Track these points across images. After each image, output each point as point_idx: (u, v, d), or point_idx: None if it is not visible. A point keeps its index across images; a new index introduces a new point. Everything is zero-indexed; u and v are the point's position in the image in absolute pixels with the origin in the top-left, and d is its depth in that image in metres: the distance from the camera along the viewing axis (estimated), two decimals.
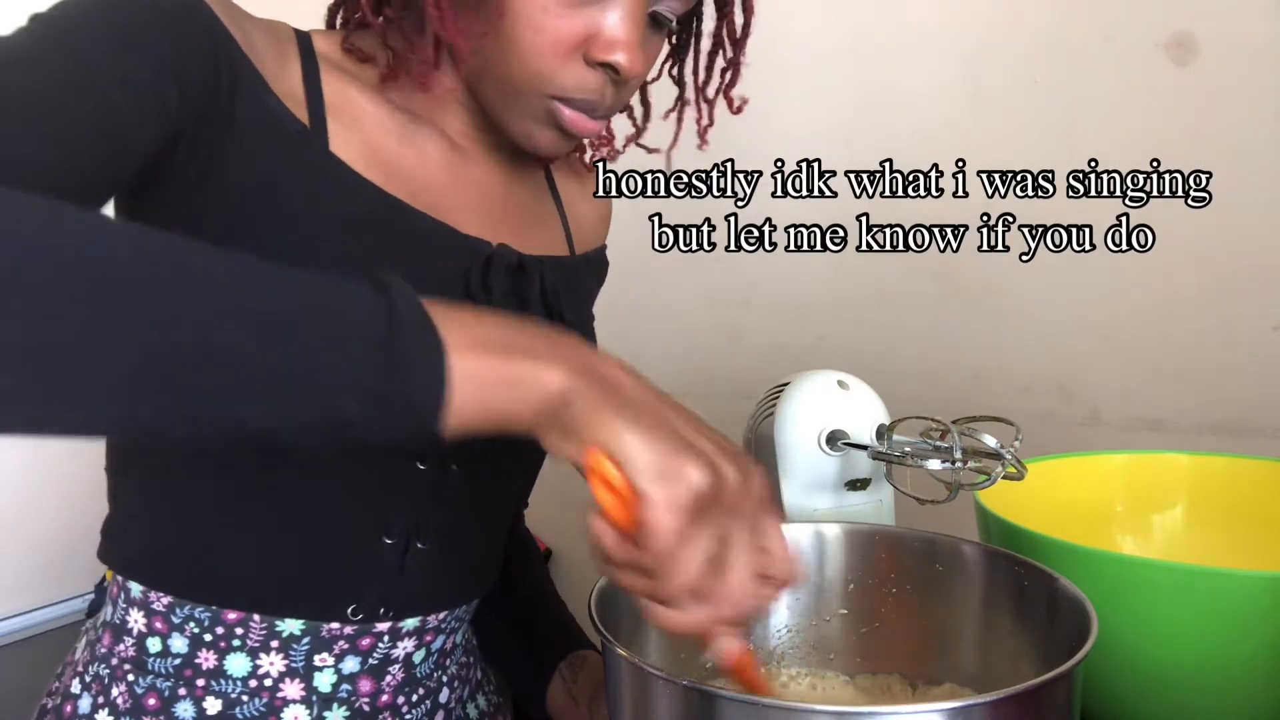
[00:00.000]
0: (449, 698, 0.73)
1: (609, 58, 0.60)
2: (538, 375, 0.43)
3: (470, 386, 0.42)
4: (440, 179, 0.67)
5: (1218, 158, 1.04)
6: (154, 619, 0.64)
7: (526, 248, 0.69)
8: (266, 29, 0.61)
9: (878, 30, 1.24)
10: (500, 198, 0.71)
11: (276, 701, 0.64)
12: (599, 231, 0.84)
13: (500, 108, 0.64)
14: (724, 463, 0.44)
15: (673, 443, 0.43)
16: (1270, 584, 0.55)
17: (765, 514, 0.47)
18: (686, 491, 0.42)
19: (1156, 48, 1.06)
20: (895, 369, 1.07)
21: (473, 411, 0.42)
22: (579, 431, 0.44)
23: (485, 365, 0.43)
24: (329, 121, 0.61)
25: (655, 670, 0.45)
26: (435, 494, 0.66)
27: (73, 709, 0.66)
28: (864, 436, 0.73)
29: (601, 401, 0.44)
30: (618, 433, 0.43)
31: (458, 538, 0.69)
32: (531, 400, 0.43)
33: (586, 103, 0.62)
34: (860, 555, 0.63)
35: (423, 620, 0.68)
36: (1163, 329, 1.09)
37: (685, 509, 0.42)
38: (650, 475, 0.42)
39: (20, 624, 1.54)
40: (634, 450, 0.43)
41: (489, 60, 0.61)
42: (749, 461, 0.46)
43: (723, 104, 0.74)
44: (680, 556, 0.43)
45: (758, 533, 0.46)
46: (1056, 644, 0.50)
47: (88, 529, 0.68)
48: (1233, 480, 0.78)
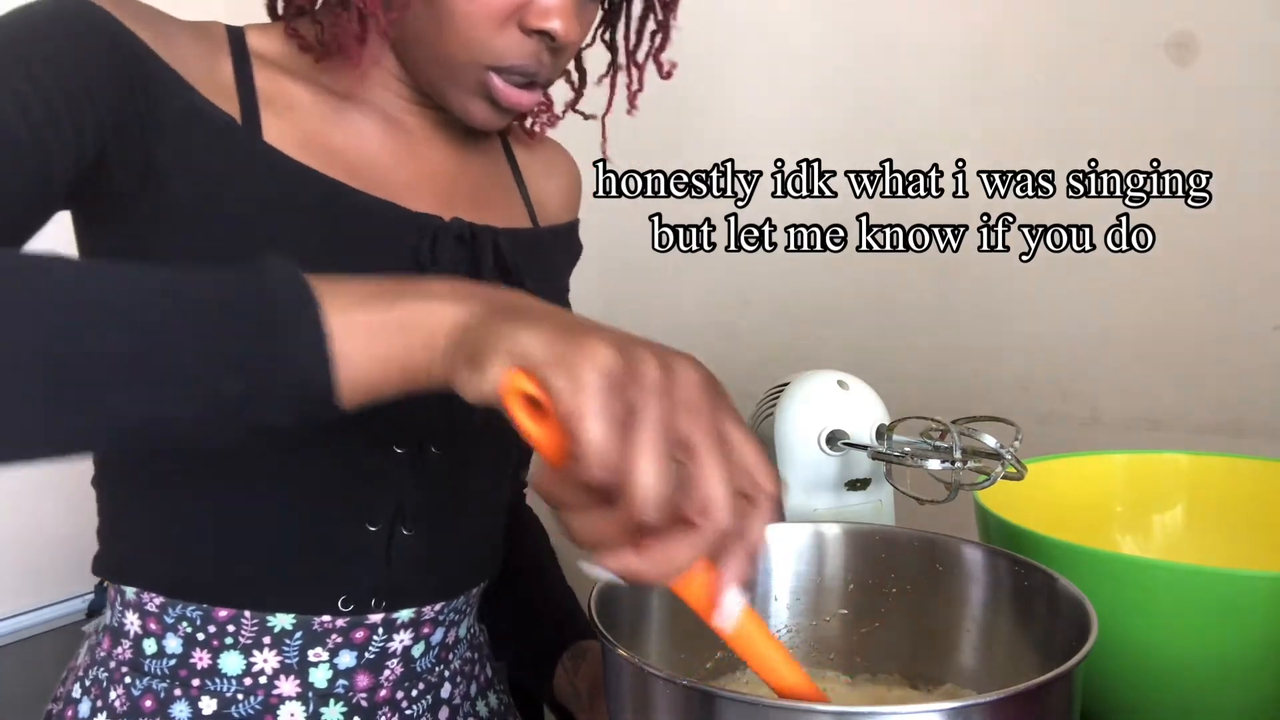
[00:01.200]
0: (452, 693, 0.72)
1: (545, 25, 0.60)
2: (429, 315, 0.41)
3: (356, 340, 0.40)
4: (382, 158, 0.66)
5: (1218, 158, 1.04)
6: (148, 620, 0.64)
7: (483, 221, 0.68)
8: (192, 30, 0.61)
9: (878, 30, 1.24)
10: (451, 173, 0.71)
11: (272, 699, 0.64)
12: (566, 205, 0.83)
13: (434, 81, 0.64)
14: (639, 349, 0.39)
15: (574, 333, 0.39)
16: (1270, 584, 0.55)
17: (725, 413, 0.40)
18: (591, 369, 0.37)
19: (1156, 48, 1.06)
20: (895, 369, 1.07)
21: (366, 367, 0.40)
22: (482, 358, 0.39)
23: (367, 315, 0.40)
24: (262, 112, 0.61)
25: (656, 670, 0.45)
26: (416, 478, 0.65)
27: (73, 714, 0.66)
28: (864, 436, 0.73)
29: (500, 321, 0.40)
30: (513, 336, 0.39)
31: (444, 523, 0.68)
32: (426, 338, 0.41)
33: (524, 71, 0.62)
34: (861, 555, 0.63)
35: (418, 612, 0.67)
36: (1163, 329, 1.09)
37: (598, 390, 0.37)
38: (552, 364, 0.38)
39: (20, 624, 1.53)
40: (530, 345, 0.38)
41: (421, 33, 0.61)
42: (686, 357, 0.41)
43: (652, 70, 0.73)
44: (625, 456, 0.37)
45: (722, 437, 0.39)
46: (1057, 644, 0.50)
47: (87, 530, 0.68)
48: (1233, 480, 0.78)
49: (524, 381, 0.38)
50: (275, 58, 0.65)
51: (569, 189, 0.84)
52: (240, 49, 0.63)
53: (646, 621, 0.58)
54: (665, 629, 0.59)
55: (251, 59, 0.63)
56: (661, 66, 0.74)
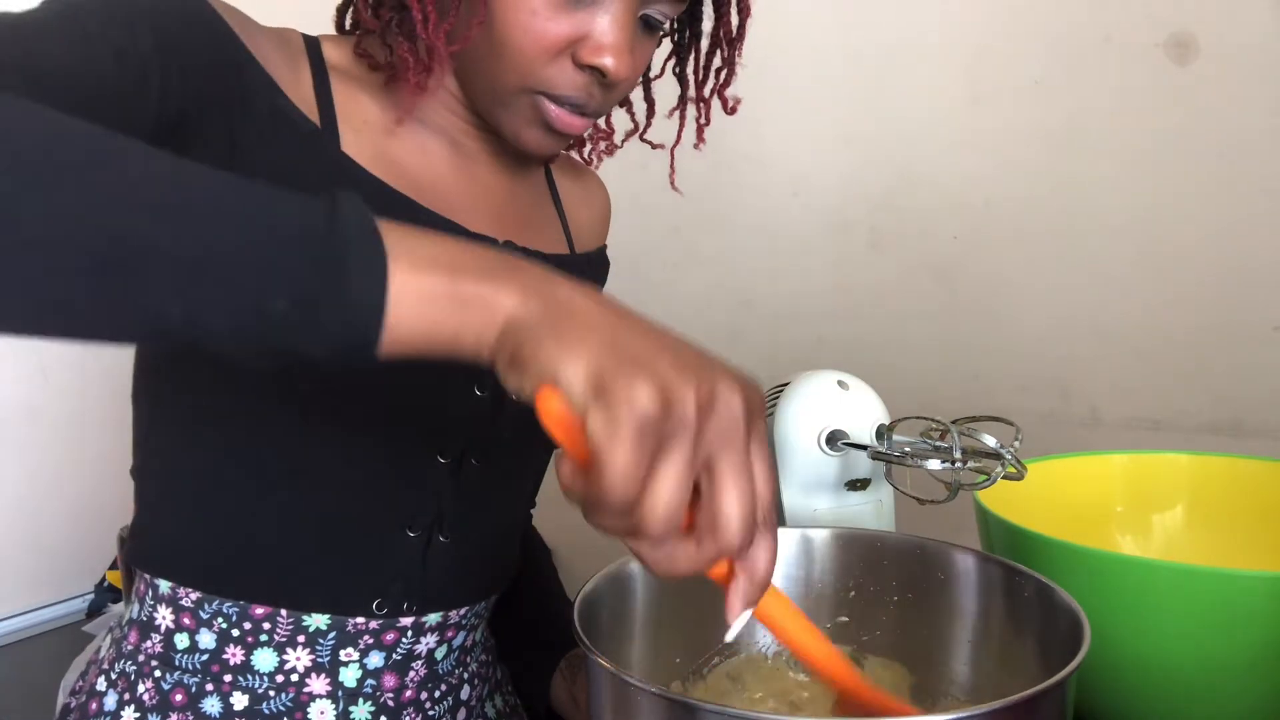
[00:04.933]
0: (470, 695, 0.73)
1: (597, 61, 0.60)
2: (488, 297, 0.40)
3: (413, 300, 0.39)
4: (446, 178, 0.68)
5: (1218, 158, 1.04)
6: (182, 615, 0.65)
7: (530, 245, 0.70)
8: (276, 37, 0.63)
9: (878, 30, 1.24)
10: (504, 197, 0.72)
11: (303, 696, 0.65)
12: (598, 232, 0.85)
13: (489, 107, 0.65)
14: (680, 382, 0.39)
15: (617, 361, 0.39)
16: (1270, 584, 0.55)
17: (757, 444, 0.41)
18: (629, 412, 0.37)
19: (1156, 48, 1.06)
20: (895, 369, 1.07)
21: (414, 329, 0.40)
22: (525, 365, 0.40)
23: (432, 280, 0.39)
24: (339, 124, 0.63)
25: (635, 680, 0.44)
26: (456, 487, 0.67)
27: (98, 706, 0.67)
28: (864, 436, 0.73)
29: (550, 330, 0.40)
30: (559, 360, 0.39)
31: (477, 532, 0.70)
32: (479, 324, 0.40)
33: (574, 101, 0.62)
34: (862, 562, 0.63)
35: (445, 616, 0.69)
36: (1163, 329, 1.09)
37: (630, 433, 0.37)
38: (587, 397, 0.38)
39: (20, 624, 1.54)
40: (572, 375, 0.39)
41: (477, 61, 0.62)
42: (726, 377, 0.41)
43: (718, 105, 0.74)
44: (643, 490, 0.38)
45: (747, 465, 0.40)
46: (1055, 652, 0.50)
47: (88, 530, 0.68)
48: (1233, 480, 0.77)
49: (559, 404, 0.39)
50: (348, 70, 0.66)
51: (603, 218, 0.86)
52: (317, 59, 0.65)
53: (630, 629, 0.58)
54: (650, 637, 0.58)
55: (328, 70, 0.64)
56: (726, 103, 0.74)
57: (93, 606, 1.52)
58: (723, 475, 0.39)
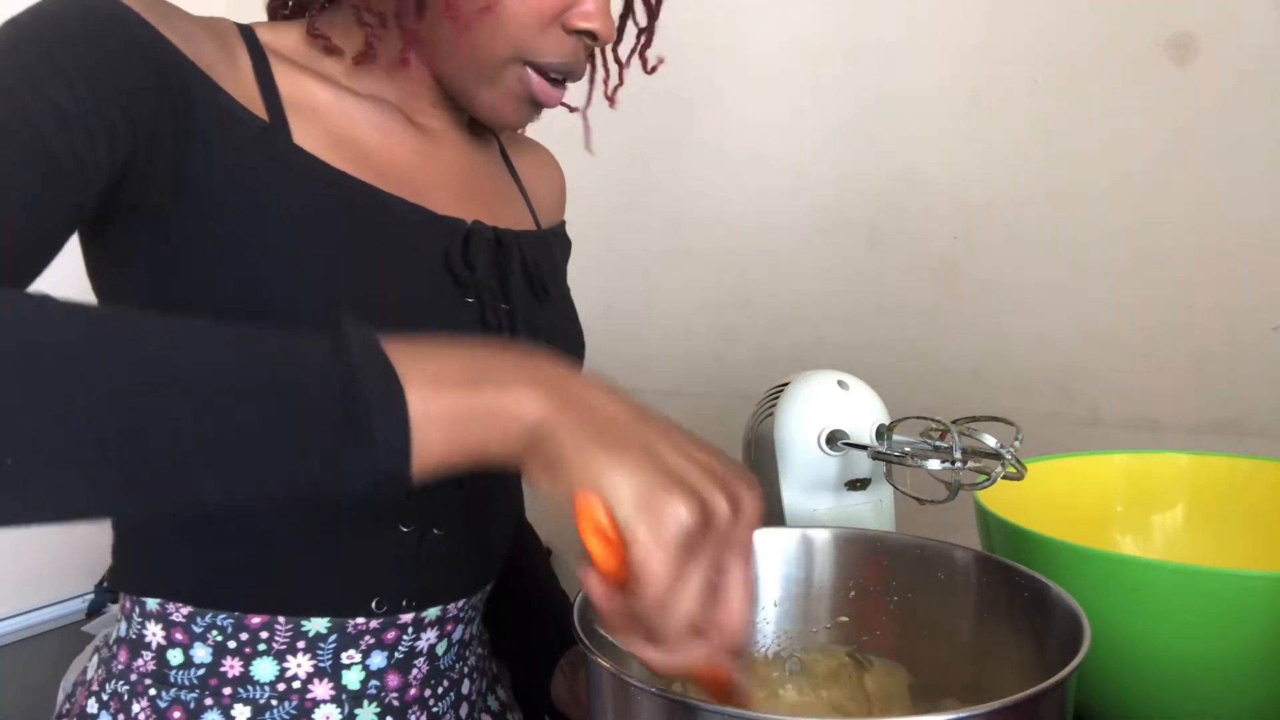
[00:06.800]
0: (470, 689, 0.73)
1: (588, 25, 0.63)
2: (509, 407, 0.42)
3: (435, 426, 0.41)
4: (409, 161, 0.67)
5: (1218, 158, 1.04)
6: (173, 630, 0.63)
7: (498, 223, 0.69)
8: (208, 28, 0.60)
9: (877, 30, 1.23)
10: (468, 175, 0.71)
11: (307, 703, 0.64)
12: (556, 205, 0.85)
13: (468, 81, 0.65)
14: (713, 493, 0.42)
15: (659, 476, 0.41)
16: (1270, 584, 0.55)
17: (749, 540, 0.45)
18: (676, 529, 0.41)
19: (1156, 48, 1.06)
20: (895, 369, 1.07)
21: (442, 451, 0.41)
22: (563, 469, 0.42)
23: (450, 401, 0.41)
24: (288, 115, 0.60)
25: (637, 681, 0.45)
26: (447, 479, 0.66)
27: None
28: (864, 436, 0.73)
29: (583, 434, 0.42)
30: (603, 471, 0.41)
31: (471, 523, 0.69)
32: (506, 435, 0.42)
33: (562, 68, 0.65)
34: (862, 562, 0.63)
35: (443, 609, 0.68)
36: (1163, 329, 1.09)
37: (674, 547, 0.41)
38: (637, 515, 0.41)
39: (20, 624, 1.54)
40: (620, 489, 0.41)
41: (458, 34, 0.62)
42: (740, 481, 0.44)
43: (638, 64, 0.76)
44: (675, 597, 0.41)
45: (747, 563, 0.44)
46: (1054, 652, 0.50)
47: (88, 530, 0.68)
48: (1233, 480, 0.77)
49: (600, 513, 0.41)
50: (291, 56, 0.64)
51: (560, 191, 0.86)
52: (256, 47, 0.62)
53: None
54: None
55: (269, 58, 0.62)
56: (646, 63, 0.76)
57: (93, 606, 1.52)
58: (733, 581, 0.43)
